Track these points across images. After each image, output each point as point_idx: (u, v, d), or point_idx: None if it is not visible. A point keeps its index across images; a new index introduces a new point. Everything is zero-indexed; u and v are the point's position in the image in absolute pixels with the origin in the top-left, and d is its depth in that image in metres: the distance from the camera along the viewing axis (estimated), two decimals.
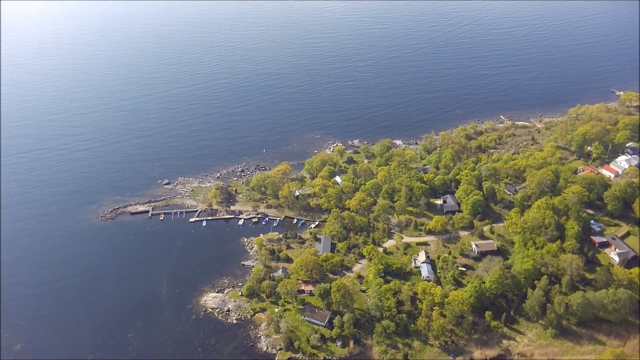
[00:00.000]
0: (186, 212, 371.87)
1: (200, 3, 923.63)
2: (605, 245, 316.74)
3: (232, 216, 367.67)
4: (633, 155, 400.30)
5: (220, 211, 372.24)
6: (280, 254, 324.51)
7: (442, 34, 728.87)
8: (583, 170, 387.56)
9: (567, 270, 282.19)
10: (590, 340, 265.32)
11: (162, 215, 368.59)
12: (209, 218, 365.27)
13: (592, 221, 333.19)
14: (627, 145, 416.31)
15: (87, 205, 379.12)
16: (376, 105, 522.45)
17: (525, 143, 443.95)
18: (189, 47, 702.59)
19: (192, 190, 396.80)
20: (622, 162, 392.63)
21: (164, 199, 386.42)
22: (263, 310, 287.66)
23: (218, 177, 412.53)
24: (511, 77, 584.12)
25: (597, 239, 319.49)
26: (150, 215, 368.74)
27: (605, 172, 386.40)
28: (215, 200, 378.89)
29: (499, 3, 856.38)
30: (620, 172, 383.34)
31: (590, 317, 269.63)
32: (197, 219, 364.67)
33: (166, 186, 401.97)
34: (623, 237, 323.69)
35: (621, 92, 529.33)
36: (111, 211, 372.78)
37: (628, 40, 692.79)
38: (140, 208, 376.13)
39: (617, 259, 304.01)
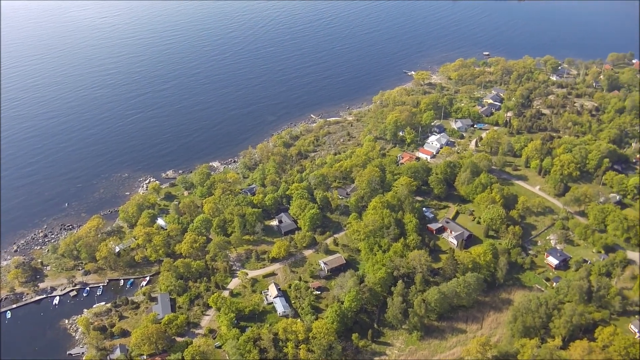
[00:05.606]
0: None
1: None
2: (442, 230, 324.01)
3: (44, 296, 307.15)
4: (441, 134, 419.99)
5: (28, 293, 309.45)
6: (113, 329, 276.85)
7: (243, 41, 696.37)
8: (403, 158, 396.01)
9: (418, 267, 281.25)
10: (453, 331, 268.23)
11: None
12: (14, 306, 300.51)
13: (424, 209, 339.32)
14: (433, 124, 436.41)
15: None
16: (186, 130, 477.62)
17: (342, 140, 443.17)
18: None
19: None
20: (434, 143, 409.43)
21: None
22: None
23: (16, 251, 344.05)
24: (316, 75, 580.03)
25: (433, 226, 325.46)
26: None
27: (421, 155, 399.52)
28: (18, 281, 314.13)
29: (287, 2, 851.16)
30: (434, 153, 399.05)
31: (447, 308, 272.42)
32: None
33: None
34: (454, 218, 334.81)
35: (413, 72, 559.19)
36: None
37: (411, 23, 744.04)
38: None
39: (455, 242, 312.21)
